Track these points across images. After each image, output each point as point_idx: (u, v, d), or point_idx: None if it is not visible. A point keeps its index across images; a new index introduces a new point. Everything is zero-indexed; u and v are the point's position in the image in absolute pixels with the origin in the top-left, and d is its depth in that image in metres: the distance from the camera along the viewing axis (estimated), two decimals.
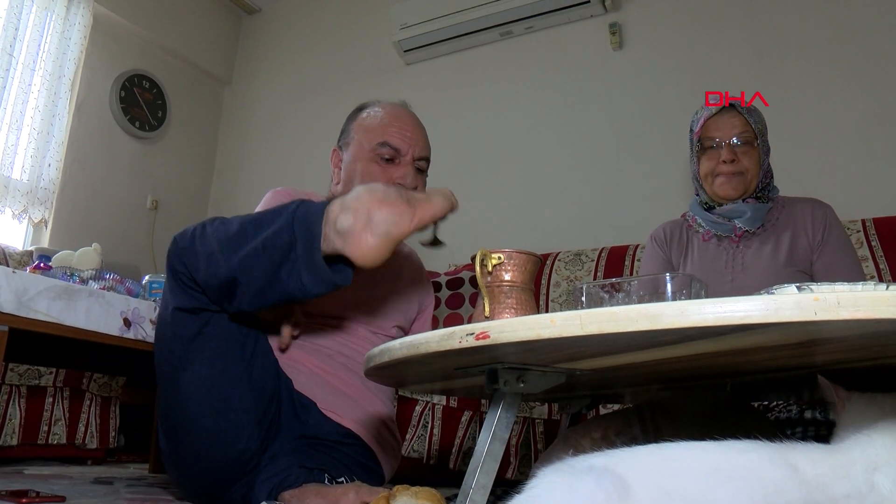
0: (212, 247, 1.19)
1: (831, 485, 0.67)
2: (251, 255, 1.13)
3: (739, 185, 1.57)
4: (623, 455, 0.73)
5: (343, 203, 1.09)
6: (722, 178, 1.58)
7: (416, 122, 1.63)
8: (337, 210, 1.09)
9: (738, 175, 1.57)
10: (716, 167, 1.59)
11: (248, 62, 4.36)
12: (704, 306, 0.58)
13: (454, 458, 2.05)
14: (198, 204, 4.14)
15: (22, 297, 1.72)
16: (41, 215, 3.26)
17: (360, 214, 1.07)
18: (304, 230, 1.10)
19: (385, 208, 1.07)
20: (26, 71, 3.21)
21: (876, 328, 0.58)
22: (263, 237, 1.13)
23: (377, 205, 1.07)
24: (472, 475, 0.81)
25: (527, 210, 3.12)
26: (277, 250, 1.12)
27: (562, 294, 2.49)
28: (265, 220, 1.16)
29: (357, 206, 1.07)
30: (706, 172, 1.61)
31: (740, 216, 1.59)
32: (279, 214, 1.15)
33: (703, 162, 1.62)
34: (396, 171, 1.55)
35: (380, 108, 1.62)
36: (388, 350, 0.83)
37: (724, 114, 1.60)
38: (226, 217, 1.24)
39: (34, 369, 2.41)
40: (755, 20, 2.79)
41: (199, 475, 1.35)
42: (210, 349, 1.27)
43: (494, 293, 0.83)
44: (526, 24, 3.23)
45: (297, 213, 1.13)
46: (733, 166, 1.56)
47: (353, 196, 1.09)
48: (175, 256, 1.24)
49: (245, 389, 1.30)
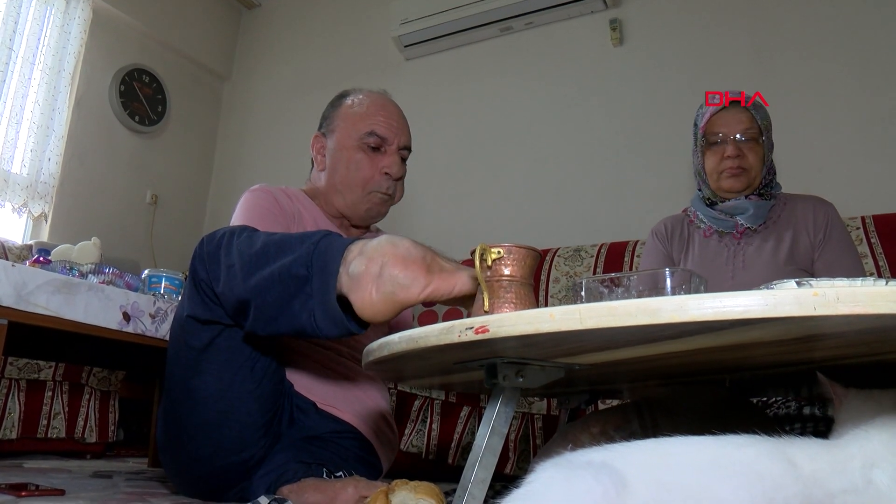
0: (233, 260, 1.14)
1: (829, 480, 0.68)
2: (267, 280, 1.08)
3: (744, 180, 1.57)
4: (621, 450, 0.73)
5: (363, 248, 1.02)
6: (727, 173, 1.58)
7: (399, 111, 1.64)
8: (355, 253, 1.02)
9: (743, 171, 1.57)
10: (720, 162, 1.59)
11: (248, 57, 4.35)
12: (704, 301, 0.58)
13: (453, 453, 2.06)
14: (197, 199, 4.14)
15: (21, 290, 1.72)
16: (41, 209, 3.25)
17: (373, 265, 0.98)
18: (322, 266, 1.04)
19: (399, 267, 0.98)
20: (26, 65, 3.21)
21: (875, 324, 0.58)
22: (282, 263, 1.07)
23: (393, 261, 0.98)
24: (470, 469, 0.81)
25: (526, 206, 3.12)
26: (293, 281, 1.05)
27: (561, 290, 2.49)
28: (288, 244, 1.10)
29: (373, 256, 0.99)
30: (711, 168, 1.62)
31: (743, 213, 1.59)
32: (303, 241, 1.08)
33: (708, 157, 1.62)
34: (383, 159, 1.57)
35: (364, 97, 1.63)
36: (387, 344, 0.83)
37: (730, 109, 1.60)
38: (255, 230, 1.19)
39: (33, 363, 2.41)
40: (755, 16, 2.78)
41: (198, 477, 1.36)
42: (220, 361, 1.25)
43: (494, 288, 0.83)
44: (526, 19, 3.23)
45: (319, 246, 1.06)
46: (738, 161, 1.56)
47: (375, 244, 1.01)
48: (199, 260, 1.21)
49: (252, 404, 1.28)
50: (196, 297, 1.24)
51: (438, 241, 3.46)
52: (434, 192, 3.36)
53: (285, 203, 1.57)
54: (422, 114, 3.42)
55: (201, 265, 1.21)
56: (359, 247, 1.03)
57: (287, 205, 1.57)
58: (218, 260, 1.17)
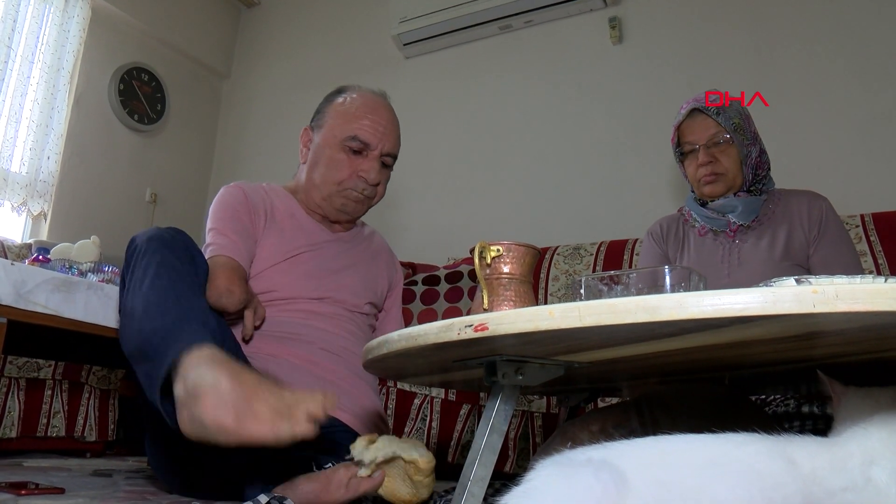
0: (125, 306, 1.21)
1: (828, 478, 0.68)
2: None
3: (721, 184, 1.59)
4: (621, 448, 0.73)
5: (194, 374, 0.97)
6: (703, 180, 1.61)
7: (390, 117, 1.64)
8: (186, 369, 0.98)
9: (718, 176, 1.59)
10: (696, 171, 1.62)
11: (247, 55, 4.35)
12: (703, 298, 0.58)
13: (452, 452, 2.06)
14: (197, 197, 4.13)
15: (20, 289, 1.72)
16: (40, 208, 3.25)
17: (188, 399, 0.95)
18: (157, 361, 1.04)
19: (207, 411, 0.91)
20: (25, 63, 3.20)
21: (874, 321, 0.58)
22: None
23: (203, 402, 0.92)
24: (470, 467, 0.81)
25: (525, 204, 3.12)
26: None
27: (560, 288, 2.49)
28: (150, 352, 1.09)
29: (191, 389, 0.95)
30: (691, 175, 1.65)
31: (733, 210, 1.60)
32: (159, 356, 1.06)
33: (687, 166, 1.66)
34: (363, 163, 1.58)
35: (357, 97, 1.63)
36: (387, 342, 0.83)
37: (696, 117, 1.62)
38: (158, 268, 1.19)
39: (33, 362, 2.41)
40: (755, 14, 2.78)
41: (187, 479, 1.36)
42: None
43: (493, 285, 0.83)
44: (525, 17, 3.23)
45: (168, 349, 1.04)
46: (711, 167, 1.59)
47: (200, 376, 0.96)
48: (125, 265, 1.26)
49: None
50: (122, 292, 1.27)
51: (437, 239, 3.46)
52: (433, 190, 3.36)
53: (258, 199, 1.58)
54: (421, 112, 3.42)
55: (124, 266, 1.26)
56: (191, 365, 0.97)
57: (261, 201, 1.58)
58: (126, 274, 1.23)
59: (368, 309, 1.65)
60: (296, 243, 1.56)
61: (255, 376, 0.97)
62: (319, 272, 1.56)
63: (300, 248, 1.56)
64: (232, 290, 1.35)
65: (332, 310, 1.55)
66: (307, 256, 1.57)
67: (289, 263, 1.54)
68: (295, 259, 1.55)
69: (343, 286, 1.58)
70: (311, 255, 1.58)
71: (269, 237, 1.54)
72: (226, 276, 1.36)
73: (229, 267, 1.40)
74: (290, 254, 1.54)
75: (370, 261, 1.71)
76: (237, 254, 1.45)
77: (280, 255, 1.53)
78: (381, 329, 1.72)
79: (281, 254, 1.53)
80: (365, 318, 1.64)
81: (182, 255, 1.23)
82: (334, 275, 1.58)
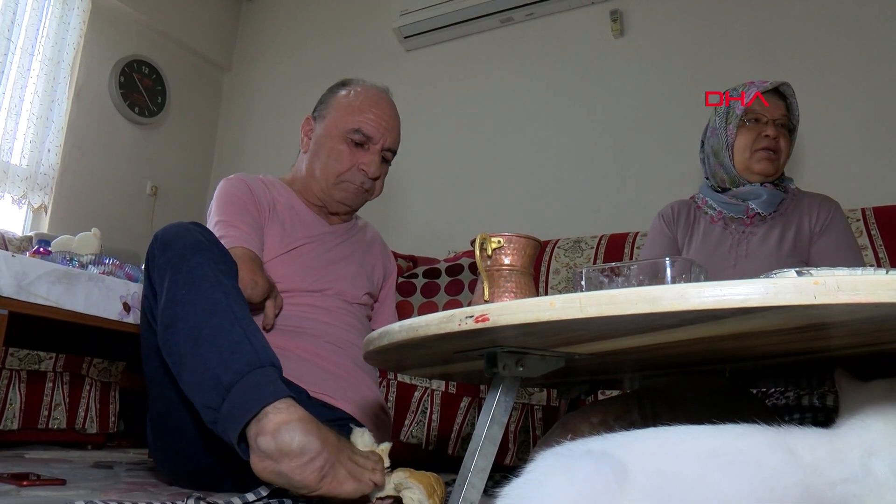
0: (166, 322, 1.17)
1: (828, 469, 0.68)
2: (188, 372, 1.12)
3: (773, 165, 1.59)
4: (621, 439, 0.73)
5: (274, 430, 1.03)
6: (761, 153, 1.58)
7: (393, 112, 1.65)
8: (266, 428, 1.04)
9: (775, 154, 1.58)
10: (755, 141, 1.58)
11: (248, 48, 4.34)
12: (704, 289, 0.58)
13: (453, 444, 2.06)
14: (197, 190, 4.13)
15: (21, 281, 1.72)
16: (41, 201, 3.25)
17: (270, 460, 1.03)
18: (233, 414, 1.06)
19: (295, 470, 1.02)
20: (25, 56, 3.20)
21: (875, 312, 0.58)
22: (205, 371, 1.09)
23: (289, 463, 1.02)
24: (470, 459, 0.81)
25: (526, 197, 3.12)
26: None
27: (561, 281, 2.49)
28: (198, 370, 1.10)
29: (274, 454, 1.02)
30: (744, 144, 1.60)
31: (757, 198, 1.59)
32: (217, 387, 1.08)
33: (743, 133, 1.61)
34: (364, 156, 1.59)
35: (361, 90, 1.64)
36: (388, 333, 0.83)
37: (774, 94, 1.62)
38: (200, 259, 1.19)
39: (34, 354, 2.41)
40: (757, 8, 2.77)
41: (190, 471, 1.36)
42: None
43: (494, 277, 0.83)
44: (526, 10, 3.22)
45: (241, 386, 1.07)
46: (774, 143, 1.58)
47: (287, 439, 1.02)
48: (153, 265, 1.24)
49: None
50: (153, 297, 1.25)
51: (438, 232, 3.46)
52: (434, 183, 3.36)
53: (261, 192, 1.58)
54: (422, 105, 3.42)
55: (155, 271, 1.23)
56: (280, 421, 1.03)
57: (263, 193, 1.59)
58: (162, 282, 1.20)
59: (366, 299, 1.66)
60: (296, 235, 1.57)
61: (335, 438, 1.07)
62: (319, 264, 1.57)
63: (301, 240, 1.57)
64: (257, 282, 1.36)
65: (332, 302, 1.55)
66: (307, 248, 1.57)
67: (290, 255, 1.54)
68: (296, 251, 1.55)
69: (342, 277, 1.59)
70: (312, 247, 1.58)
71: (271, 229, 1.55)
72: (248, 268, 1.36)
73: (249, 258, 1.40)
74: (292, 246, 1.55)
75: (366, 251, 1.72)
76: (253, 244, 1.46)
77: (282, 248, 1.54)
78: (377, 319, 1.74)
79: (283, 246, 1.54)
80: (363, 308, 1.66)
81: (219, 259, 1.22)
82: (333, 266, 1.59)
